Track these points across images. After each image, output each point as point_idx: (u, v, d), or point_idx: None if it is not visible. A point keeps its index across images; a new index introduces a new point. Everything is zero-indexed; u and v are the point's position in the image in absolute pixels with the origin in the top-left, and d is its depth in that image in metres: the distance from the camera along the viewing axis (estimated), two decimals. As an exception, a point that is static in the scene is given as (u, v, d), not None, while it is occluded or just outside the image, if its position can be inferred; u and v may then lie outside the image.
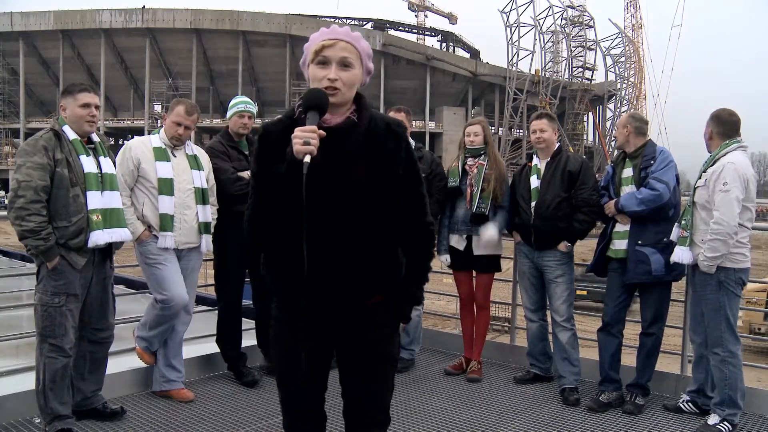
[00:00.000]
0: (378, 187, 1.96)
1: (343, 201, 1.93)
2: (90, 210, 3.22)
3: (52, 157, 3.15)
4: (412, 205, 2.06)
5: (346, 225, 1.94)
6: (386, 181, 1.97)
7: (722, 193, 3.43)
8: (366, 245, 1.97)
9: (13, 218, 3.10)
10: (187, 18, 57.94)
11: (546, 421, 3.74)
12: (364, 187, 1.94)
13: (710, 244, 3.44)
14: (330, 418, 2.21)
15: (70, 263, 3.20)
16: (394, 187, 1.99)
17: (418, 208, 2.08)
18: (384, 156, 1.97)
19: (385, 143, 1.98)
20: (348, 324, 2.04)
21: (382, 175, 1.96)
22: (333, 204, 1.92)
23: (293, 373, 2.06)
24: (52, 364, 3.18)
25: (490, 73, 61.55)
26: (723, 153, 3.54)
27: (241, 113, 4.26)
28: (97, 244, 3.24)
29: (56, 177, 3.15)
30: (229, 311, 4.30)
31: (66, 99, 3.30)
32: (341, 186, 1.92)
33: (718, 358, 3.54)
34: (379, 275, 2.03)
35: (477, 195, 4.36)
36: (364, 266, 1.99)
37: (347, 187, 1.93)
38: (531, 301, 4.41)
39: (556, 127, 4.34)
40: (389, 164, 1.98)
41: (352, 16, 69.10)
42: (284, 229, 1.92)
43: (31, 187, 3.08)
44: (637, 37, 63.37)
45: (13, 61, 60.34)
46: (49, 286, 3.18)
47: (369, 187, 1.94)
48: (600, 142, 63.36)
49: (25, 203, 3.07)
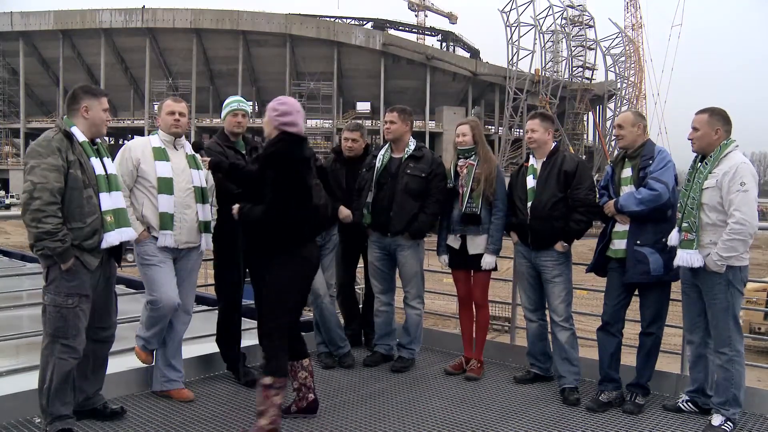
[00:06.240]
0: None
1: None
2: (104, 211, 3.23)
3: (65, 158, 3.14)
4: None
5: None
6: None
7: (742, 193, 3.39)
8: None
9: (29, 220, 3.08)
10: (187, 18, 58.00)
11: (546, 420, 3.74)
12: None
13: (728, 243, 3.40)
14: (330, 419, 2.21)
15: (84, 264, 3.20)
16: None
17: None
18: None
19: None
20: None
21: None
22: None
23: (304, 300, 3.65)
24: (63, 365, 3.18)
25: (490, 72, 61.61)
26: (726, 153, 3.51)
27: (234, 112, 4.26)
28: (112, 244, 3.26)
29: (70, 178, 3.15)
30: (229, 311, 4.30)
31: (90, 100, 3.29)
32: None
33: (726, 357, 3.52)
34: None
35: (467, 195, 4.37)
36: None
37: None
38: (529, 301, 4.42)
39: (549, 127, 4.33)
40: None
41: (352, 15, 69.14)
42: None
43: (47, 189, 3.07)
44: (637, 36, 63.42)
45: (13, 61, 60.42)
46: (63, 287, 3.17)
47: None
48: (600, 141, 63.36)
49: (42, 205, 3.06)
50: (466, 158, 4.47)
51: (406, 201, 4.49)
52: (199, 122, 56.43)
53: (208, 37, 59.10)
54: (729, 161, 3.48)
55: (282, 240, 3.39)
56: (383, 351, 4.80)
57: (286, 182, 3.34)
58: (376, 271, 4.74)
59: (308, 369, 3.67)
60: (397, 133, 4.60)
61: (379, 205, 4.56)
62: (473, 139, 4.46)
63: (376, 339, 4.85)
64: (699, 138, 3.59)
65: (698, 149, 3.63)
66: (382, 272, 4.73)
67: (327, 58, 59.15)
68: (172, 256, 3.85)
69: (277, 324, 3.41)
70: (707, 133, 3.57)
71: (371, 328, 4.99)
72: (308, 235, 3.54)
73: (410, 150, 4.59)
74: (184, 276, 3.93)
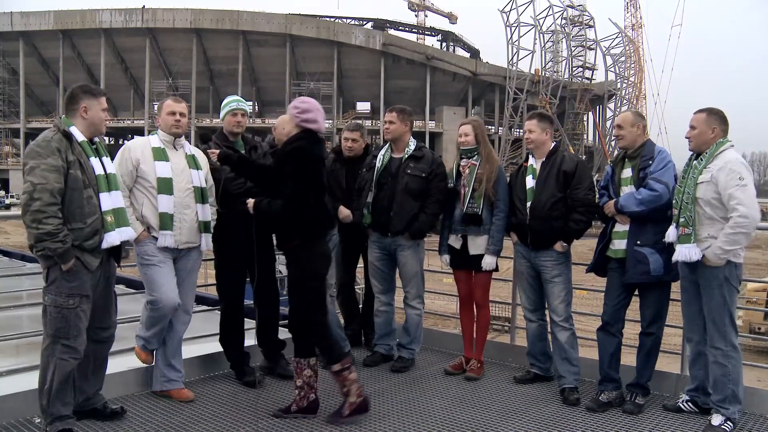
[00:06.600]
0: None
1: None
2: (104, 211, 3.23)
3: (65, 158, 3.14)
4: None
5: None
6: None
7: (741, 187, 3.42)
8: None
9: (30, 221, 3.07)
10: (187, 18, 57.99)
11: (546, 420, 3.74)
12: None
13: (732, 237, 3.42)
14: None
15: (85, 264, 3.20)
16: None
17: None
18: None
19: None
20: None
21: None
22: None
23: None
24: (64, 366, 3.18)
25: (490, 72, 61.61)
26: (720, 150, 3.55)
27: (233, 111, 4.26)
28: (112, 244, 3.26)
29: (70, 179, 3.14)
30: (231, 311, 4.30)
31: (89, 100, 3.29)
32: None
33: (721, 353, 3.54)
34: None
35: (468, 195, 4.37)
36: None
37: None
38: (529, 301, 4.42)
39: (547, 127, 4.32)
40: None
41: (352, 15, 69.16)
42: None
43: (47, 190, 3.06)
44: (637, 36, 63.43)
45: (13, 61, 60.42)
46: (64, 287, 3.17)
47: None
48: (600, 141, 63.36)
49: (42, 206, 3.05)
50: (469, 158, 4.47)
51: (406, 201, 4.49)
52: (199, 122, 56.39)
53: (208, 37, 59.10)
54: (723, 157, 3.53)
55: (301, 234, 3.57)
56: (383, 351, 4.80)
57: (306, 178, 3.54)
58: (376, 271, 4.74)
59: (314, 368, 3.70)
60: (396, 133, 4.60)
61: (379, 205, 4.56)
62: (475, 139, 4.46)
63: (376, 339, 4.85)
64: (696, 136, 3.64)
65: (694, 147, 3.66)
66: (382, 272, 4.73)
67: (327, 58, 59.16)
68: (172, 256, 3.85)
69: (311, 318, 3.64)
70: (704, 132, 3.61)
71: (371, 328, 4.99)
72: (325, 231, 3.74)
73: (410, 150, 4.59)
74: (184, 276, 3.93)
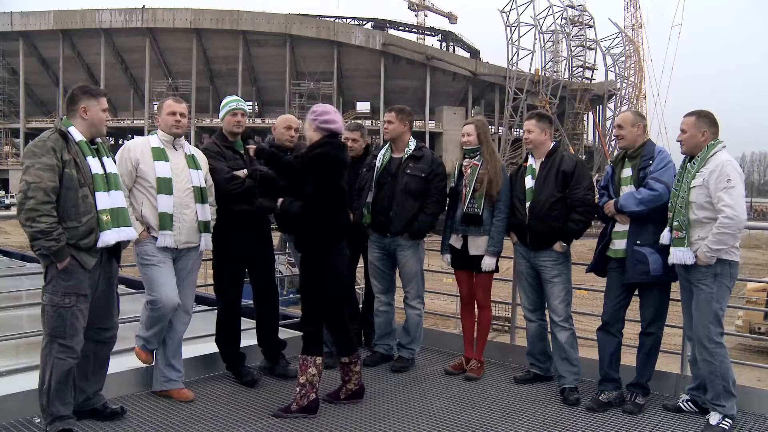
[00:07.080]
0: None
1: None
2: (99, 210, 3.23)
3: (60, 158, 3.15)
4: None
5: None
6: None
7: (729, 189, 3.46)
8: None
9: (24, 220, 3.09)
10: (187, 18, 57.96)
11: (546, 420, 3.74)
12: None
13: (718, 237, 3.46)
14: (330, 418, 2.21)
15: (81, 263, 3.20)
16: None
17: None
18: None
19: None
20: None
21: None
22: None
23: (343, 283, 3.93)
24: (61, 365, 3.19)
25: (490, 72, 61.57)
26: (713, 153, 3.58)
27: (233, 111, 4.26)
28: (108, 243, 3.26)
29: (65, 178, 3.15)
30: (229, 311, 4.30)
31: (89, 101, 3.30)
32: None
33: (706, 351, 3.58)
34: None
35: (469, 195, 4.37)
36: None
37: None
38: (529, 301, 4.42)
39: (546, 127, 4.32)
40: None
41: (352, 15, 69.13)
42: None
43: (41, 188, 3.07)
44: (637, 36, 63.43)
45: (13, 61, 60.42)
46: (60, 286, 3.17)
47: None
48: (600, 141, 63.34)
49: (36, 204, 3.06)
50: (471, 158, 4.47)
51: (406, 201, 4.49)
52: (199, 122, 56.44)
53: (208, 37, 59.09)
54: (715, 160, 3.56)
55: (317, 236, 3.74)
56: (383, 351, 4.80)
57: (326, 183, 3.70)
58: (376, 271, 4.74)
59: (318, 368, 3.72)
60: (395, 133, 4.60)
61: (379, 205, 4.56)
62: (478, 139, 4.46)
63: (376, 339, 4.85)
64: (686, 140, 3.69)
65: (686, 150, 3.71)
66: (382, 272, 4.73)
67: (327, 58, 59.13)
68: (172, 256, 3.85)
69: (314, 315, 3.82)
70: (694, 135, 3.66)
71: (371, 328, 4.99)
72: (342, 233, 3.83)
73: (410, 150, 4.59)
74: (183, 276, 3.93)
